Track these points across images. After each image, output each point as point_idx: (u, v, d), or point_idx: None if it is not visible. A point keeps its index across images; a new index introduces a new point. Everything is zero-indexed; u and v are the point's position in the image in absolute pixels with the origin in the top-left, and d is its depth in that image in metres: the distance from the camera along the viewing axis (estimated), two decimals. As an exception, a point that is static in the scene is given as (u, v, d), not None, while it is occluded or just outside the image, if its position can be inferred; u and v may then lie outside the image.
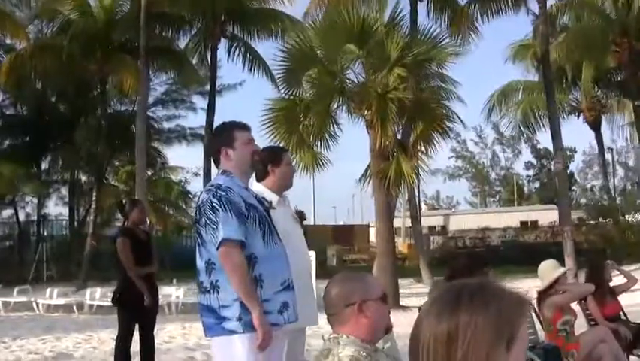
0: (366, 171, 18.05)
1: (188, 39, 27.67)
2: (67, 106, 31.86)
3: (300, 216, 5.52)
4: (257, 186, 5.25)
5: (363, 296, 2.94)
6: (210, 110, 26.18)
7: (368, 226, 45.61)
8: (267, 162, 5.24)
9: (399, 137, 17.54)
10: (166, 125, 36.25)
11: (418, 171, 17.73)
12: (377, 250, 18.64)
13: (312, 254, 15.71)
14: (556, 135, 20.82)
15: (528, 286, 21.83)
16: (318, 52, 17.34)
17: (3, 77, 24.80)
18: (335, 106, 17.53)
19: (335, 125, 17.62)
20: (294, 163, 17.22)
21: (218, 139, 4.74)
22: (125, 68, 25.07)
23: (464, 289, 1.54)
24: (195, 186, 38.52)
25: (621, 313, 8.14)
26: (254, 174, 5.08)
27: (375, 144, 16.70)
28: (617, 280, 8.30)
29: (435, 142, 17.42)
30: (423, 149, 17.57)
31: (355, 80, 17.59)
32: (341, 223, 55.36)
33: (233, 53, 27.54)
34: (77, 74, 27.24)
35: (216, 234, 4.27)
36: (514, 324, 1.48)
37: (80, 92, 29.95)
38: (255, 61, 27.36)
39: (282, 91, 18.41)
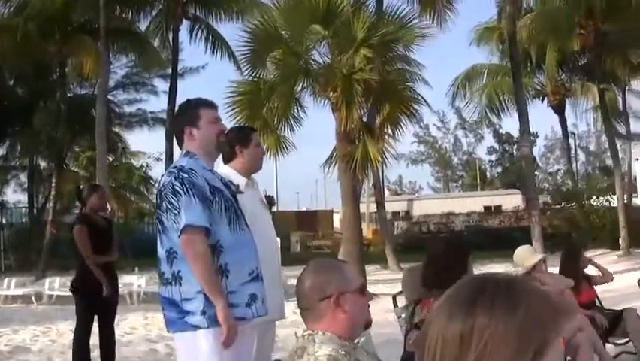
0: (331, 155, 17.69)
1: (150, 20, 27.10)
2: (26, 90, 31.12)
3: (269, 201, 5.11)
4: (223, 169, 4.93)
5: (341, 288, 2.63)
6: (172, 94, 25.57)
7: (332, 212, 45.43)
8: (234, 142, 4.95)
9: (365, 120, 17.21)
10: (127, 109, 35.72)
11: (385, 155, 17.43)
12: (343, 236, 18.34)
13: (278, 241, 15.54)
14: (522, 118, 20.60)
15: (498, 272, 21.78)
16: (283, 32, 16.94)
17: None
18: (300, 88, 17.17)
19: (299, 108, 17.27)
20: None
21: (182, 117, 4.38)
22: (84, 50, 24.46)
23: (486, 285, 1.25)
24: (157, 171, 37.90)
25: (596, 300, 7.93)
26: (220, 156, 4.78)
27: (341, 127, 16.36)
28: (591, 271, 8.07)
29: (402, 125, 17.16)
30: (389, 132, 17.27)
31: (321, 61, 17.24)
32: (304, 209, 55.08)
33: (196, 34, 27.03)
34: (35, 56, 26.54)
35: (178, 220, 3.93)
36: (546, 333, 1.21)
37: (38, 75, 29.25)
38: (217, 43, 26.86)
39: (246, 73, 18.00)
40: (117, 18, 25.84)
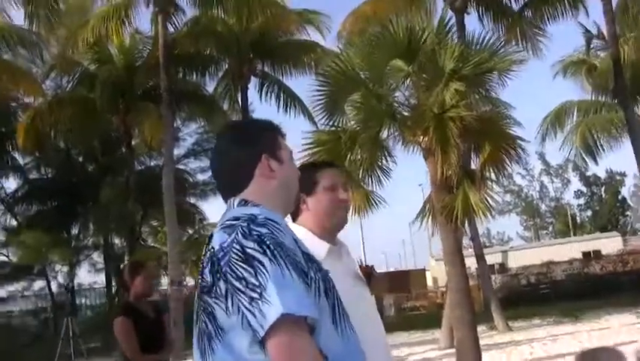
0: (423, 207, 15.56)
1: (217, 82, 25.68)
2: (95, 165, 30.03)
3: (367, 273, 3.56)
4: (296, 231, 2.94)
5: None
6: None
7: (424, 270, 43.56)
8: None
9: (461, 163, 15.01)
10: (200, 177, 34.12)
11: (488, 202, 15.13)
12: (448, 299, 16.06)
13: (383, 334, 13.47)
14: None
15: (618, 324, 19.36)
16: (361, 73, 14.95)
17: (21, 138, 23.01)
18: (385, 134, 15.13)
19: (388, 157, 15.20)
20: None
21: (257, 142, 2.51)
22: (148, 117, 23.07)
23: None
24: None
25: None
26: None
27: (437, 174, 14.22)
28: None
29: (505, 167, 14.90)
30: (492, 175, 15.03)
31: (407, 102, 15.18)
32: (393, 270, 52.98)
33: (266, 92, 25.47)
34: (101, 127, 25.41)
35: (260, 308, 2.06)
36: None
37: (106, 149, 28.11)
38: (289, 99, 25.21)
39: (322, 122, 16.06)
40: (182, 81, 24.51)
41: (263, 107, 58.72)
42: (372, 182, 15.29)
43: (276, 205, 2.39)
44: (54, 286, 31.69)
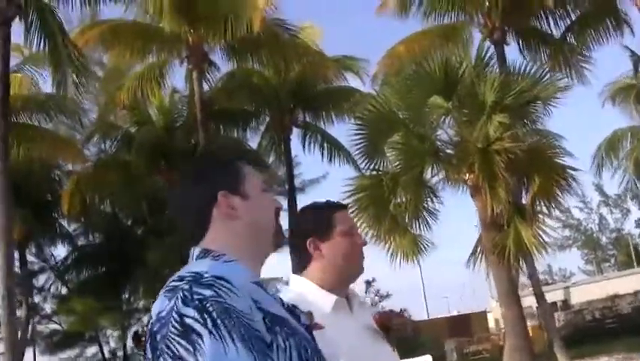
0: (475, 247, 14.96)
1: (260, 136, 25.41)
2: (144, 227, 29.86)
3: (384, 326, 2.88)
4: (295, 284, 2.79)
5: None
6: (292, 210, 23.47)
7: (485, 313, 42.59)
8: (306, 232, 2.75)
9: (510, 199, 14.40)
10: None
11: (542, 238, 14.43)
12: (506, 343, 15.31)
13: (429, 358, 12.78)
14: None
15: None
16: (399, 113, 14.51)
17: (66, 205, 22.92)
18: (429, 174, 14.62)
19: (434, 198, 14.67)
20: (386, 249, 14.52)
21: (210, 178, 2.05)
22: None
23: None
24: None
25: None
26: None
27: (486, 212, 13.64)
28: None
29: (558, 199, 14.25)
30: (544, 209, 14.37)
31: (449, 139, 14.67)
32: (455, 313, 51.91)
33: (309, 142, 25.08)
34: (146, 189, 25.21)
35: None
36: None
37: (153, 210, 27.90)
38: (333, 148, 24.79)
39: (364, 167, 15.62)
40: (223, 138, 24.30)
41: (307, 158, 58.54)
42: (419, 225, 14.76)
43: (245, 252, 1.92)
44: (106, 352, 31.47)
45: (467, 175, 13.93)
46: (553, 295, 45.93)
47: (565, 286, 50.94)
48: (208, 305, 1.65)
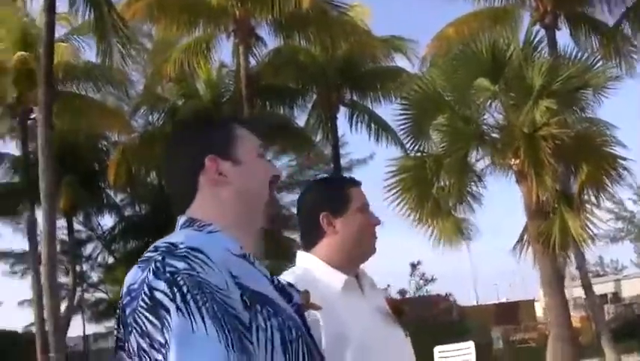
0: (521, 235, 14.60)
1: (308, 113, 25.21)
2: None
3: (397, 309, 2.67)
4: (303, 261, 2.60)
5: None
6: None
7: (533, 301, 42.18)
8: (319, 207, 2.60)
9: (558, 187, 14.00)
10: (294, 210, 33.74)
11: (589, 228, 13.99)
12: (550, 333, 14.96)
13: (471, 345, 12.57)
14: None
15: None
16: (445, 95, 14.16)
17: (112, 175, 23.07)
18: (474, 159, 14.28)
19: (478, 183, 14.33)
20: (429, 233, 14.26)
21: (198, 141, 1.88)
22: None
23: None
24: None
25: None
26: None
27: (531, 199, 13.27)
28: None
29: (607, 189, 13.81)
30: (592, 199, 13.94)
31: (495, 122, 14.29)
32: (504, 300, 51.47)
33: (356, 122, 24.80)
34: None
35: None
36: None
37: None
38: (380, 128, 24.48)
39: (409, 148, 15.35)
40: (270, 115, 24.18)
41: (354, 138, 58.26)
42: (462, 210, 14.48)
43: (233, 222, 1.73)
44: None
45: (512, 160, 13.57)
46: (603, 288, 45.33)
47: (616, 278, 50.22)
48: (179, 279, 1.49)
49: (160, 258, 1.54)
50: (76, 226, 28.88)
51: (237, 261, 1.63)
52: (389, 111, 26.26)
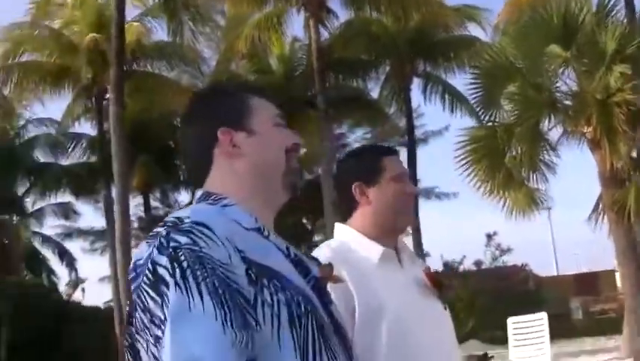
0: (596, 204, 14.32)
1: (380, 86, 25.08)
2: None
3: (436, 282, 2.51)
4: (340, 233, 2.54)
5: None
6: (411, 162, 23.18)
7: (614, 271, 41.16)
8: (352, 177, 2.53)
9: (634, 154, 13.68)
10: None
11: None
12: (625, 305, 14.67)
13: (544, 316, 12.40)
14: None
15: None
16: (516, 63, 13.92)
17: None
18: (546, 127, 14.03)
19: (551, 151, 14.09)
20: (501, 203, 14.09)
21: (211, 113, 1.84)
22: (309, 124, 22.82)
23: None
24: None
25: None
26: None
27: (605, 168, 12.99)
28: None
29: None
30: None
31: (567, 90, 14.00)
32: (585, 271, 50.42)
33: (430, 93, 24.57)
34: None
35: (162, 354, 1.45)
36: None
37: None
38: (454, 99, 24.20)
39: (482, 118, 15.18)
40: (344, 88, 24.15)
41: (430, 109, 57.35)
42: (535, 179, 14.26)
43: (249, 194, 1.71)
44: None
45: (585, 128, 13.27)
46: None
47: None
48: (180, 254, 1.48)
49: (165, 233, 1.53)
50: (154, 203, 29.41)
51: (247, 235, 1.62)
52: (463, 82, 26.00)
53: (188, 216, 1.57)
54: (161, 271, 1.48)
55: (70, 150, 24.80)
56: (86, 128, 24.87)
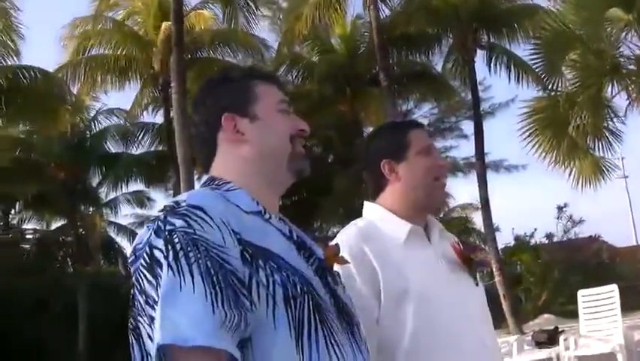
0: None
1: (444, 60, 24.79)
2: (334, 156, 30.11)
3: (466, 258, 2.51)
4: (371, 212, 2.54)
5: None
6: (478, 135, 22.86)
7: None
8: (379, 155, 2.53)
9: None
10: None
11: None
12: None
13: (614, 288, 12.15)
14: None
15: None
16: (576, 29, 13.62)
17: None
18: (610, 93, 13.71)
19: (615, 118, 13.79)
20: (568, 173, 13.86)
21: (215, 99, 1.92)
22: (373, 101, 22.82)
23: None
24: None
25: None
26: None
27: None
28: None
29: None
30: None
31: (630, 54, 13.64)
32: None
33: (495, 64, 24.15)
34: (332, 117, 25.44)
35: (155, 334, 1.51)
36: None
37: (342, 138, 28.08)
38: (519, 70, 23.74)
39: (546, 87, 14.93)
40: (408, 63, 24.00)
41: (495, 81, 56.15)
42: (601, 147, 14.00)
43: (253, 179, 1.78)
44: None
45: (651, 93, 12.95)
46: None
47: None
48: (175, 236, 1.54)
49: (163, 217, 1.60)
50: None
51: (245, 217, 1.66)
52: (528, 52, 25.44)
53: (185, 200, 1.62)
54: (156, 253, 1.54)
55: (139, 139, 25.20)
56: (155, 117, 25.27)
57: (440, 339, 2.25)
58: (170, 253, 1.51)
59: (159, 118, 24.85)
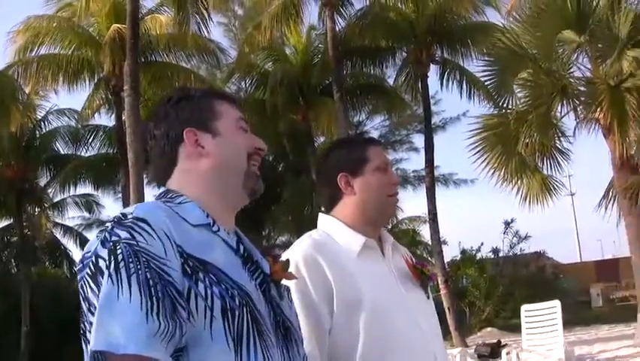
0: (607, 190, 14.26)
1: (396, 73, 24.98)
2: (284, 165, 30.12)
3: (418, 273, 2.59)
4: (325, 224, 2.56)
5: None
6: (429, 149, 23.08)
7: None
8: (336, 169, 2.57)
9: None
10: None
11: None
12: (637, 292, 14.61)
13: (557, 304, 12.36)
14: None
15: None
16: (529, 49, 13.85)
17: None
18: (560, 113, 13.96)
19: (562, 138, 14.04)
20: (515, 190, 14.03)
21: (176, 114, 1.93)
22: (325, 112, 22.86)
23: None
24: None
25: None
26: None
27: (617, 154, 12.92)
28: None
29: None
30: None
31: (580, 76, 13.91)
32: (610, 257, 49.95)
33: (447, 79, 24.41)
34: (285, 126, 25.49)
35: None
36: None
37: (294, 147, 28.10)
38: (471, 85, 24.03)
39: (497, 104, 15.14)
40: (362, 75, 24.15)
41: (446, 96, 56.65)
42: (549, 166, 14.23)
43: (207, 193, 1.81)
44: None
45: (598, 114, 13.19)
46: None
47: None
48: (118, 247, 1.58)
49: (110, 228, 1.63)
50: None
51: (190, 230, 1.69)
52: (480, 68, 25.70)
53: (132, 212, 1.65)
54: (101, 263, 1.57)
55: (90, 141, 24.93)
56: (106, 119, 25.03)
57: (392, 350, 2.28)
58: (112, 263, 1.55)
59: (107, 120, 24.78)
